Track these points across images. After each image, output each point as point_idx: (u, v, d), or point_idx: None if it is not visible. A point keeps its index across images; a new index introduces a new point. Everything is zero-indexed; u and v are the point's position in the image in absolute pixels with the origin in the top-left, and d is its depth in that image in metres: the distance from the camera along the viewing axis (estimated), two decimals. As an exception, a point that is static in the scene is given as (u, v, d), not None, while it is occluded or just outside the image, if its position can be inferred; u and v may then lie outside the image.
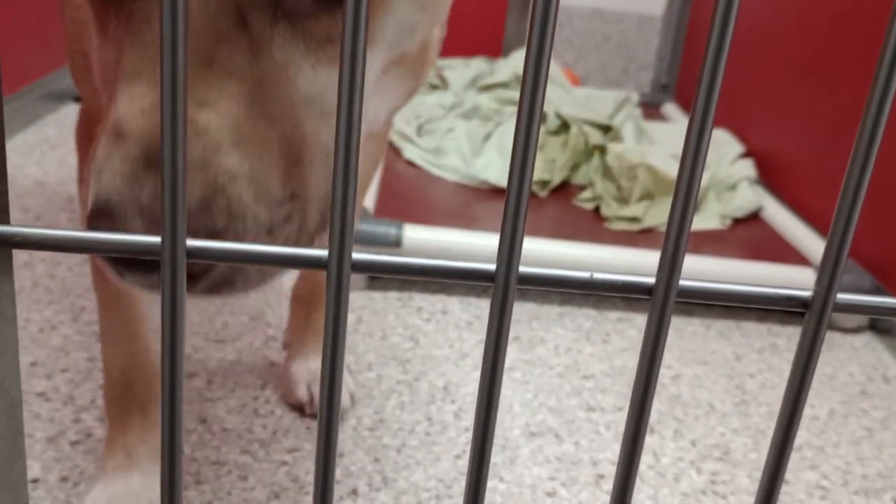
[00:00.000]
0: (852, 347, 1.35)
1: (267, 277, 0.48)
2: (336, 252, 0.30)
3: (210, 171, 0.43)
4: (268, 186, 0.45)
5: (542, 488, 0.95)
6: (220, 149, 0.43)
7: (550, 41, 0.28)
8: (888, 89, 0.29)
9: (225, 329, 1.19)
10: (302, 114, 0.48)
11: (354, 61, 0.28)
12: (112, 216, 0.41)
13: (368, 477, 0.93)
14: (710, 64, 0.29)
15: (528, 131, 0.29)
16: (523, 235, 0.31)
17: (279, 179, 0.46)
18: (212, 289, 0.45)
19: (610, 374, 1.19)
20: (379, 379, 1.12)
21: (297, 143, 0.47)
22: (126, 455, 0.83)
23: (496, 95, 1.99)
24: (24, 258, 1.33)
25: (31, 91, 1.94)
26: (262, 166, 0.45)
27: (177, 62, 0.28)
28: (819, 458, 1.06)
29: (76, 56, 0.68)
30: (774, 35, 1.91)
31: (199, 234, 0.42)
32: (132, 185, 0.41)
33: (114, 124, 0.43)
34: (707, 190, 1.67)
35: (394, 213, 1.43)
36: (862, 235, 1.39)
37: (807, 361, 0.33)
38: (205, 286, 0.45)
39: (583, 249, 1.37)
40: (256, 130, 0.45)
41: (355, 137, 0.29)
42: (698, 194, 0.30)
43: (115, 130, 0.43)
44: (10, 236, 0.31)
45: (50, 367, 1.06)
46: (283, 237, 0.46)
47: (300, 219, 0.47)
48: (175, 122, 0.28)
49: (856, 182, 0.31)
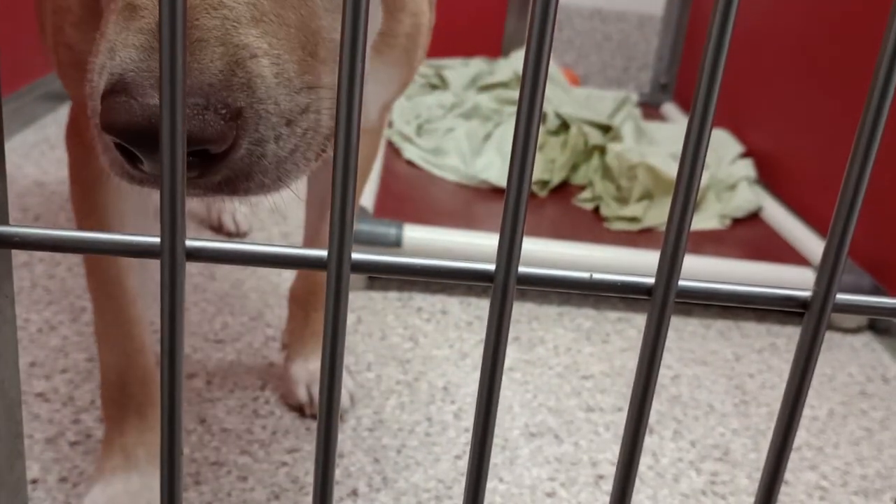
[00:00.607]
0: (852, 348, 1.35)
1: (285, 178, 0.45)
2: (336, 252, 0.30)
3: (230, 44, 0.41)
4: (288, 69, 0.43)
5: (541, 489, 0.95)
6: (240, 23, 0.42)
7: (550, 41, 0.28)
8: (887, 89, 0.29)
9: (224, 329, 1.19)
10: (318, 2, 0.47)
11: (354, 62, 0.28)
12: (127, 90, 0.39)
13: (368, 477, 0.93)
14: (710, 64, 0.29)
15: (527, 131, 0.29)
16: (523, 235, 0.31)
17: (298, 65, 0.44)
18: (229, 181, 0.43)
19: (609, 375, 1.19)
20: (378, 379, 1.12)
21: (313, 33, 0.46)
22: (124, 456, 0.83)
23: (496, 95, 1.99)
24: (23, 258, 1.33)
25: (31, 91, 1.94)
26: (281, 47, 0.43)
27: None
28: (818, 458, 1.06)
29: (61, 50, 0.66)
30: (774, 35, 1.91)
31: (220, 112, 0.40)
32: (148, 56, 0.40)
33: (125, 1, 0.42)
34: (706, 190, 1.67)
35: (393, 214, 1.43)
36: (861, 236, 1.39)
37: (806, 362, 0.33)
38: (223, 176, 0.42)
39: (582, 249, 1.37)
40: (275, 10, 0.44)
41: (355, 137, 0.29)
42: (698, 194, 0.30)
43: (128, 4, 0.41)
44: (10, 236, 0.31)
45: (49, 368, 1.06)
46: (301, 131, 0.45)
47: (316, 115, 0.46)
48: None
49: (855, 182, 0.31)
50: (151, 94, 0.39)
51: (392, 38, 0.71)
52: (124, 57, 0.40)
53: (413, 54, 0.74)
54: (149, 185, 0.44)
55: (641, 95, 2.50)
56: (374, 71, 0.71)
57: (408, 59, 0.73)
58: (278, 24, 0.43)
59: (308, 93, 0.45)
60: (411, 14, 0.72)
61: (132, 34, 0.40)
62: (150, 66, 0.40)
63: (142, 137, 0.39)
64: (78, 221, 0.78)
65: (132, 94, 0.39)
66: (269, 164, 0.44)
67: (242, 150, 0.42)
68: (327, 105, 0.47)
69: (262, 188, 0.45)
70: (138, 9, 0.41)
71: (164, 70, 0.28)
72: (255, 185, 0.44)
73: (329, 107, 0.47)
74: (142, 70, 0.39)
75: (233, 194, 0.44)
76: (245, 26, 0.42)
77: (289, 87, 0.43)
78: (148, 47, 0.40)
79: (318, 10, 0.47)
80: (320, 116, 0.46)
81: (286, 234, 1.56)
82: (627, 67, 2.74)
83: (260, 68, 0.42)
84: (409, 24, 0.71)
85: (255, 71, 0.42)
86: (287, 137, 0.44)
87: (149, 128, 0.39)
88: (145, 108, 0.39)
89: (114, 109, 0.39)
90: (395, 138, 1.84)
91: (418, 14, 0.73)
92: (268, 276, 1.35)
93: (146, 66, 0.40)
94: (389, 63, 0.72)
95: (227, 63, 0.41)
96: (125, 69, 0.40)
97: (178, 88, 0.28)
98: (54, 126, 1.96)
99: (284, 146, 0.44)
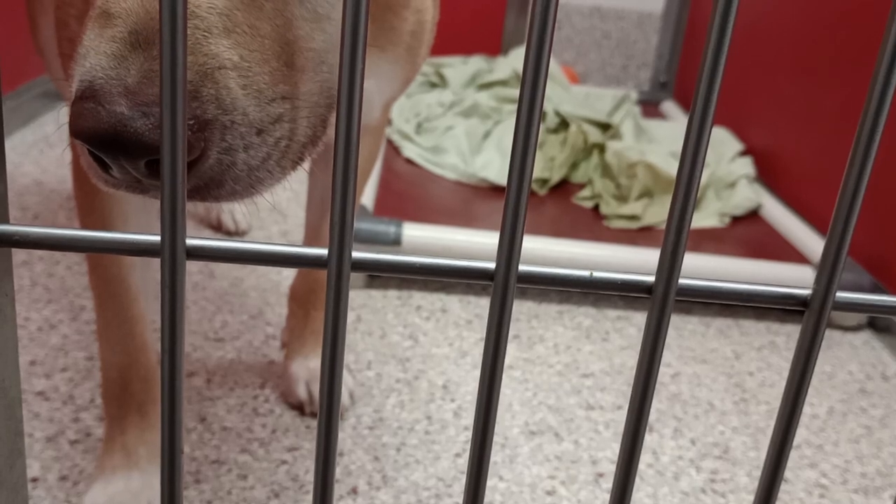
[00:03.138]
0: (851, 346, 1.35)
1: (258, 185, 0.46)
2: (336, 250, 0.30)
3: (199, 55, 0.42)
4: (258, 81, 0.44)
5: (541, 487, 0.95)
6: (210, 33, 0.42)
7: (550, 39, 0.28)
8: (887, 87, 0.29)
9: (224, 328, 1.19)
10: (295, 12, 0.47)
11: (354, 61, 0.28)
12: (95, 97, 0.40)
13: (368, 476, 0.93)
14: (710, 62, 0.28)
15: (527, 129, 0.29)
16: (523, 234, 0.31)
17: (270, 76, 0.45)
18: (199, 188, 0.44)
19: (609, 373, 1.19)
20: (378, 377, 1.12)
21: (290, 43, 0.47)
22: (125, 454, 0.83)
23: (495, 93, 1.99)
24: (23, 257, 1.33)
25: (30, 89, 1.94)
26: (252, 59, 0.44)
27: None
28: (818, 456, 1.06)
29: (64, 44, 0.66)
30: (774, 33, 1.91)
31: (188, 123, 0.41)
32: (118, 64, 0.40)
33: (101, 6, 0.42)
34: (706, 188, 1.67)
35: (393, 212, 1.43)
36: (861, 234, 1.39)
37: (806, 359, 0.33)
38: (193, 184, 0.43)
39: (582, 248, 1.37)
40: (249, 21, 0.44)
41: (355, 136, 0.29)
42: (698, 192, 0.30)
43: (103, 12, 0.42)
44: (10, 235, 0.31)
45: (49, 367, 1.06)
46: (274, 140, 0.45)
47: (290, 124, 0.46)
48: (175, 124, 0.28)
49: (855, 180, 0.31)
50: (119, 101, 0.40)
51: (395, 35, 0.71)
52: (94, 64, 0.41)
53: (417, 51, 0.73)
54: (123, 189, 0.44)
55: (641, 93, 2.50)
56: (377, 68, 0.71)
57: (411, 57, 0.73)
58: (251, 35, 0.44)
59: (281, 102, 0.45)
60: (415, 11, 0.72)
61: (104, 42, 0.41)
62: (119, 74, 0.40)
63: (108, 144, 0.40)
64: (81, 219, 0.78)
65: (100, 101, 0.40)
66: (241, 173, 0.45)
67: (211, 160, 0.43)
68: (304, 114, 0.47)
69: (234, 195, 0.46)
70: (112, 17, 0.42)
71: (164, 69, 0.28)
72: (226, 192, 0.45)
73: (307, 115, 0.48)
74: (110, 78, 0.40)
75: (205, 200, 0.45)
76: (216, 37, 0.42)
77: (259, 98, 0.44)
78: (119, 55, 0.41)
79: (295, 20, 0.47)
80: (296, 125, 0.47)
81: (285, 232, 1.56)
82: (627, 65, 2.74)
83: (227, 79, 0.42)
84: (412, 22, 0.71)
85: (222, 82, 0.42)
86: (258, 146, 0.45)
87: (115, 135, 0.40)
88: (112, 115, 0.40)
89: (82, 115, 0.40)
90: (394, 137, 1.84)
91: (422, 11, 0.73)
92: (267, 274, 1.35)
93: (115, 74, 0.40)
94: (392, 60, 0.72)
95: (196, 74, 0.41)
96: (94, 76, 0.40)
97: (179, 88, 0.28)
98: (53, 125, 1.96)
99: (256, 155, 0.45)
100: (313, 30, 0.48)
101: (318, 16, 0.48)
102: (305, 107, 0.47)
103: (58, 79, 0.93)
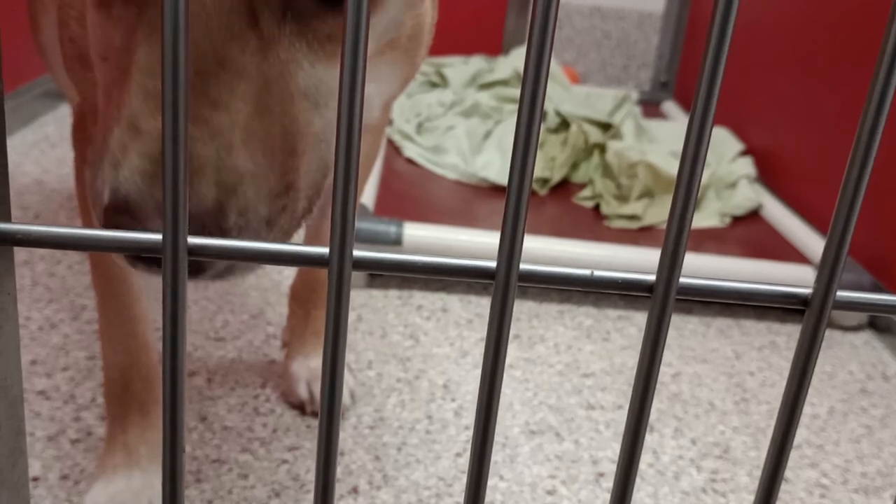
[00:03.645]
0: (852, 345, 1.35)
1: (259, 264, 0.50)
2: (337, 250, 0.30)
3: (224, 172, 0.44)
4: (270, 180, 0.47)
5: (542, 486, 0.95)
6: (231, 149, 0.44)
7: (551, 39, 0.28)
8: (888, 87, 0.29)
9: (225, 327, 1.19)
10: (298, 106, 0.49)
11: (355, 61, 0.28)
12: (132, 213, 0.42)
13: (369, 475, 0.93)
14: (711, 62, 0.29)
15: (528, 129, 0.29)
16: (524, 233, 0.31)
17: (278, 173, 0.47)
18: (220, 275, 0.47)
19: (610, 373, 1.19)
20: (379, 377, 1.12)
21: (293, 134, 0.49)
22: (126, 454, 0.83)
23: (496, 93, 1.99)
24: (24, 256, 1.33)
25: (30, 89, 1.94)
26: (265, 163, 0.46)
27: (178, 62, 0.28)
28: (819, 456, 1.06)
29: (66, 44, 0.66)
30: (774, 33, 1.91)
31: (214, 233, 0.43)
32: (152, 183, 0.42)
33: (129, 118, 0.44)
34: (706, 188, 1.67)
35: (394, 212, 1.43)
36: (861, 233, 1.39)
37: (806, 359, 0.33)
38: (210, 274, 0.46)
39: (582, 247, 1.37)
40: (262, 128, 0.46)
41: (356, 137, 0.29)
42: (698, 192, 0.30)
43: (131, 125, 0.44)
44: (12, 233, 0.31)
45: (50, 366, 1.06)
46: (279, 226, 0.48)
47: (293, 204, 0.49)
48: (177, 123, 0.28)
49: (855, 180, 0.31)
50: (156, 220, 0.42)
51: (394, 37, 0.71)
52: (129, 177, 0.43)
53: (416, 52, 0.74)
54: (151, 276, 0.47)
55: (641, 93, 2.50)
56: (377, 69, 0.71)
57: (410, 58, 0.73)
58: (264, 139, 0.46)
59: (286, 194, 0.48)
60: (414, 14, 0.72)
61: (136, 157, 0.43)
62: (154, 194, 0.42)
63: (146, 258, 0.42)
64: (82, 218, 0.78)
65: (136, 217, 0.42)
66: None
67: None
68: (303, 195, 0.50)
69: (249, 269, 0.49)
70: (142, 133, 0.43)
71: (165, 68, 0.28)
72: (240, 270, 0.48)
73: (306, 193, 0.50)
74: (146, 196, 0.42)
75: (213, 280, 0.49)
76: (236, 149, 0.45)
77: (270, 195, 0.47)
78: (152, 175, 0.43)
79: (299, 113, 0.49)
80: (297, 207, 0.49)
81: (286, 232, 1.56)
82: (627, 65, 2.74)
83: (247, 189, 0.45)
84: (411, 25, 0.71)
85: (242, 193, 0.45)
86: (266, 235, 0.48)
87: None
88: None
89: (119, 228, 0.42)
90: (395, 136, 1.83)
91: (421, 14, 0.73)
92: (268, 273, 1.35)
93: (150, 194, 0.42)
94: (391, 61, 0.72)
95: (222, 190, 0.44)
96: (129, 190, 0.42)
97: (180, 89, 0.28)
98: (54, 124, 1.96)
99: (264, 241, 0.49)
100: (312, 115, 0.50)
101: (317, 104, 0.50)
102: (305, 187, 0.50)
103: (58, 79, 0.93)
